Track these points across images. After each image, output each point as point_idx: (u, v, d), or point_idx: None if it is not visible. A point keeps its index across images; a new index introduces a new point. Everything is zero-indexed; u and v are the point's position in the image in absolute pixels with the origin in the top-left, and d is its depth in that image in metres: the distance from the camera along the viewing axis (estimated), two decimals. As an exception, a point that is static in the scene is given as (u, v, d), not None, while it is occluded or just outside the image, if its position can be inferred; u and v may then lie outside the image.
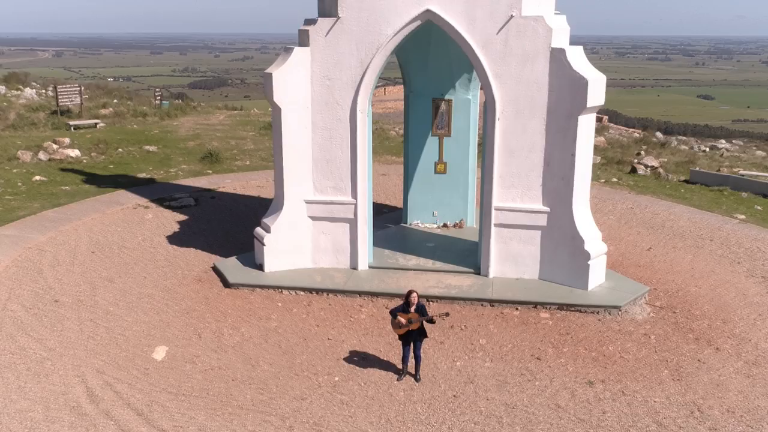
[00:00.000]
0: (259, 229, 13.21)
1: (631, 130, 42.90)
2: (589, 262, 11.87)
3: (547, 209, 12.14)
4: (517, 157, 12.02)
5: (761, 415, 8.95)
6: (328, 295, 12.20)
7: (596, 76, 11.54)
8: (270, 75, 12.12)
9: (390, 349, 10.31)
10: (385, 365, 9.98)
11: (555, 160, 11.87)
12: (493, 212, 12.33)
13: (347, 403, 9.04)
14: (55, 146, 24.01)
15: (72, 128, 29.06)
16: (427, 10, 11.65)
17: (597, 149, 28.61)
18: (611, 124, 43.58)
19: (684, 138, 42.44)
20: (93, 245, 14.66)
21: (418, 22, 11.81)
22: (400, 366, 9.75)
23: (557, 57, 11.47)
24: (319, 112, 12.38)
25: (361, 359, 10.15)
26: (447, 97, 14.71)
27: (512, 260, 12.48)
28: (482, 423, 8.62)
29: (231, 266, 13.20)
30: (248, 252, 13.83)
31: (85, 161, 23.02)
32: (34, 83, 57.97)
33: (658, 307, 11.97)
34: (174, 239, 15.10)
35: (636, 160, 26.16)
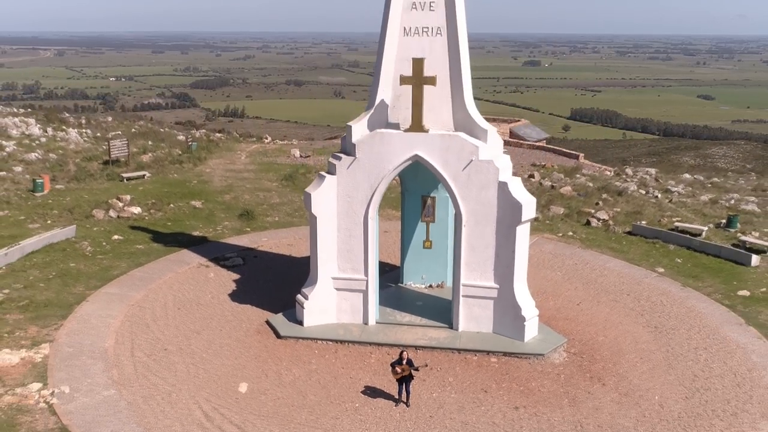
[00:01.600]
0: (299, 296, 18.93)
1: (604, 167, 48.44)
2: (524, 323, 17.58)
3: (497, 286, 17.84)
4: (477, 251, 17.71)
5: (624, 429, 14.60)
6: (348, 344, 17.91)
7: (528, 200, 17.25)
8: (310, 194, 17.85)
9: (390, 385, 15.97)
10: (387, 396, 15.66)
11: (502, 254, 17.56)
12: (461, 287, 18.04)
13: (364, 421, 14.73)
14: (120, 204, 29.69)
15: (125, 180, 34.81)
16: (416, 155, 17.35)
17: (563, 198, 34.30)
18: (586, 161, 49.12)
19: (650, 173, 47.98)
20: (177, 302, 20.37)
21: (410, 161, 17.51)
22: (397, 396, 15.42)
23: (502, 187, 17.17)
24: (342, 218, 18.09)
25: (372, 392, 15.84)
26: (432, 194, 20.35)
27: (474, 319, 18.18)
28: (446, 433, 14.32)
29: (280, 322, 18.91)
30: (290, 309, 19.50)
31: (146, 218, 28.71)
32: (65, 112, 63.65)
33: (572, 354, 17.67)
34: (234, 296, 20.80)
35: (593, 211, 31.81)
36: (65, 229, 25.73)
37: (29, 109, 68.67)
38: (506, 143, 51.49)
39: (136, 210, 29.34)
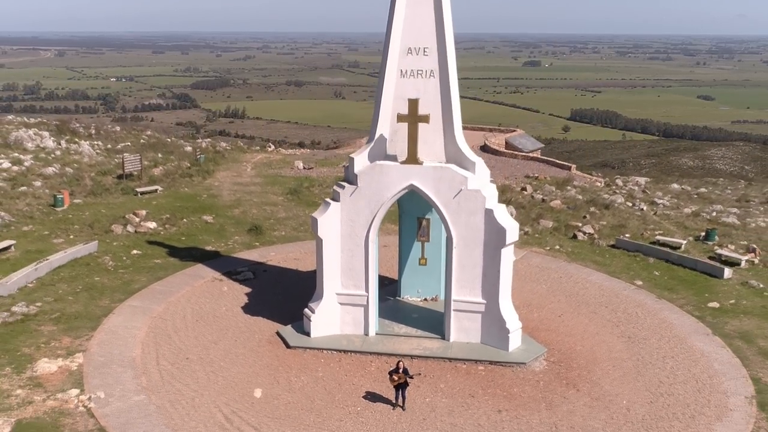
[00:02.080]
0: (306, 310, 20.96)
1: (594, 178, 50.48)
2: (509, 335, 19.61)
3: (484, 301, 19.87)
4: (466, 270, 19.74)
5: (593, 429, 16.62)
6: (351, 354, 19.92)
7: (512, 225, 19.28)
8: (316, 219, 19.88)
9: (388, 391, 17.97)
10: (386, 400, 17.67)
11: (488, 273, 19.59)
12: (453, 302, 20.06)
13: (365, 423, 16.75)
14: (136, 219, 31.72)
15: (139, 194, 36.86)
16: (411, 184, 19.38)
17: (553, 212, 36.34)
18: (578, 173, 51.15)
19: (639, 184, 49.98)
20: (195, 314, 22.40)
21: (406, 190, 19.53)
22: (394, 401, 17.43)
23: (489, 213, 19.20)
24: (345, 241, 20.11)
25: (372, 397, 17.86)
26: (427, 216, 22.35)
27: (464, 331, 20.20)
28: (437, 434, 16.35)
29: (289, 333, 20.93)
30: (298, 321, 21.50)
31: (162, 233, 30.74)
32: (76, 124, 65.70)
33: (551, 362, 19.70)
34: (246, 309, 22.84)
35: (580, 224, 33.84)
36: (88, 245, 27.76)
37: (39, 118, 70.75)
38: (502, 154, 53.65)
39: (152, 225, 31.37)
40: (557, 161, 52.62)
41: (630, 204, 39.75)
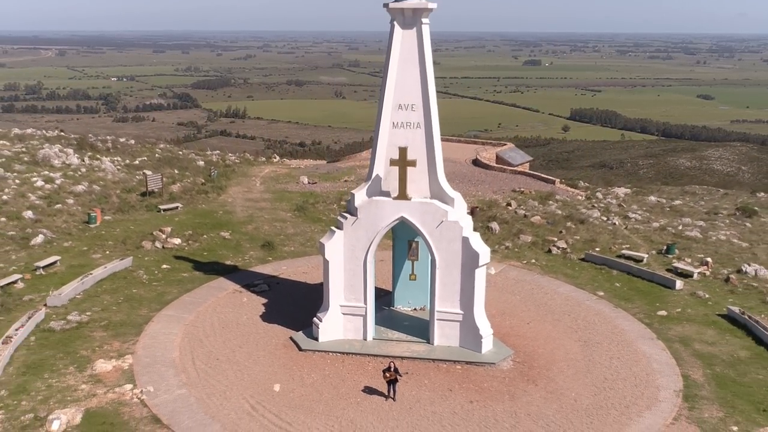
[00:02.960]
0: (315, 319, 25.19)
1: (576, 192, 54.55)
2: (482, 340, 23.82)
3: (462, 312, 24.09)
4: (447, 287, 23.95)
5: (545, 416, 20.82)
6: (352, 355, 24.13)
7: (484, 250, 23.49)
8: (324, 245, 24.10)
9: (382, 385, 22.15)
10: (380, 393, 21.88)
11: (465, 289, 23.80)
12: (436, 312, 24.28)
13: (363, 411, 20.97)
14: (163, 235, 35.94)
15: (161, 211, 41.08)
16: (402, 216, 23.59)
17: (533, 227, 40.51)
18: (561, 186, 55.25)
19: (618, 196, 54.02)
20: (221, 322, 26.61)
21: (398, 221, 23.74)
22: (387, 394, 21.64)
23: (465, 241, 23.40)
24: (347, 262, 24.32)
25: (369, 390, 22.07)
26: (415, 239, 26.53)
27: (445, 337, 24.42)
28: (421, 419, 20.55)
29: (300, 338, 25.15)
30: (308, 328, 25.70)
31: (186, 248, 34.98)
32: (91, 136, 69.84)
33: (516, 362, 23.91)
34: (264, 317, 27.05)
35: (556, 239, 38.00)
36: (124, 260, 32.00)
37: (57, 131, 74.95)
38: (492, 168, 57.82)
39: (177, 241, 35.60)
40: (542, 175, 56.74)
41: (605, 218, 43.85)
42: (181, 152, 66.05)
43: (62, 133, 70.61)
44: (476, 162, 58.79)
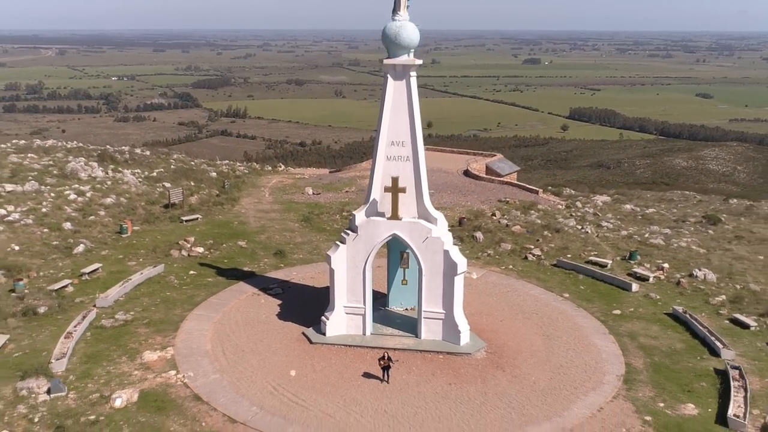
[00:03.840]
0: (323, 317, 30.35)
1: (557, 201, 59.61)
2: (460, 335, 28.99)
3: (444, 312, 29.25)
4: (432, 291, 29.10)
5: (508, 395, 25.95)
6: (353, 348, 29.27)
7: (462, 261, 28.65)
8: (330, 256, 29.26)
9: (378, 371, 27.26)
10: (376, 377, 27.00)
11: (446, 292, 28.95)
12: (423, 312, 29.44)
13: (364, 392, 26.10)
14: (187, 245, 41.07)
15: (184, 222, 46.22)
16: (394, 233, 28.74)
17: (513, 236, 45.62)
18: (544, 196, 60.32)
19: (597, 205, 59.02)
20: (244, 320, 31.75)
21: (391, 237, 28.90)
22: (381, 377, 26.77)
23: (446, 253, 28.55)
24: (349, 270, 29.47)
25: (367, 375, 27.20)
26: (406, 251, 31.63)
27: (431, 332, 29.58)
28: (409, 397, 25.70)
29: (311, 333, 30.32)
30: (317, 325, 30.81)
31: (208, 256, 40.12)
32: (109, 148, 74.82)
33: (488, 353, 29.05)
34: (280, 316, 32.18)
35: (532, 247, 43.08)
36: (157, 267, 37.15)
37: (77, 142, 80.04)
38: (481, 179, 62.93)
39: (200, 249, 40.74)
40: (527, 186, 61.85)
41: (579, 227, 48.91)
42: (193, 162, 71.19)
43: (82, 145, 75.65)
44: (467, 173, 63.90)
